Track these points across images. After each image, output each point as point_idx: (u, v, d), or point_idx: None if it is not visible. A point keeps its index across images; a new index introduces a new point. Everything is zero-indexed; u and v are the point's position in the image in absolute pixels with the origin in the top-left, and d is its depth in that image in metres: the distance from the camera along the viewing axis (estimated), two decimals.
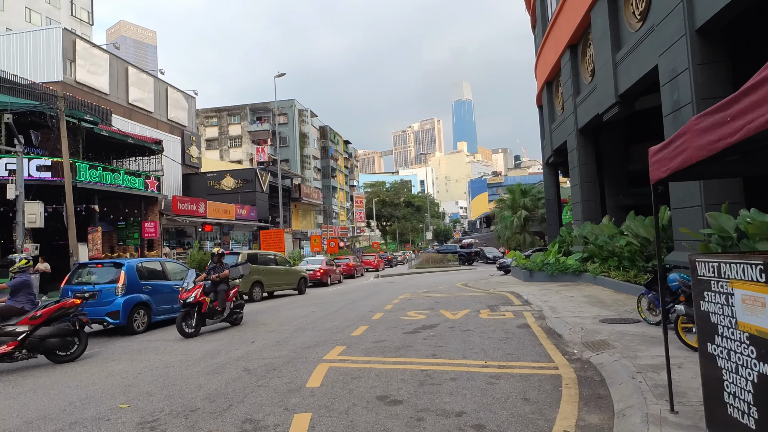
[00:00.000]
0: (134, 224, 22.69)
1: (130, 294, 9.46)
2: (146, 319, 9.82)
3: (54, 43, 23.26)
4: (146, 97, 28.70)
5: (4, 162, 15.99)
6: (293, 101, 56.95)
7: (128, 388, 5.26)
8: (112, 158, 22.37)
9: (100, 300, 9.17)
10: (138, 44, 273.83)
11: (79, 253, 16.16)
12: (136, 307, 9.51)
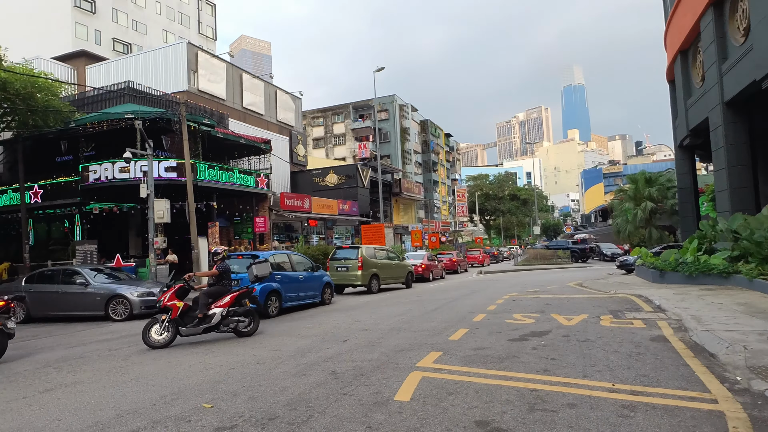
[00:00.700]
0: (247, 219, 24.33)
1: (265, 282, 10.53)
2: (278, 305, 11.14)
3: (180, 56, 25.78)
4: (258, 101, 30.68)
5: (139, 164, 17.94)
6: (393, 97, 57.26)
7: (217, 384, 5.16)
8: (227, 158, 24.18)
9: (241, 286, 10.17)
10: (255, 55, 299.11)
11: (199, 246, 17.59)
12: (270, 294, 10.82)
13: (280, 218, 25.85)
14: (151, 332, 7.57)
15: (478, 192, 76.26)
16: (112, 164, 18.28)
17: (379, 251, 17.94)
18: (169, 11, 56.93)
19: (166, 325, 7.61)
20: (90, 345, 8.16)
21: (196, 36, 57.76)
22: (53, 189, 19.65)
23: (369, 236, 26.01)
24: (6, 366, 6.71)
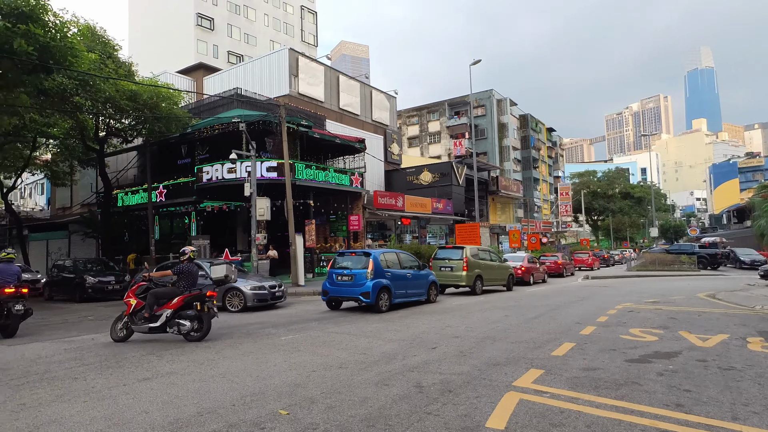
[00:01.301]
0: (342, 217, 24.84)
1: (377, 279, 11.18)
2: (388, 301, 11.43)
3: (282, 62, 27.16)
4: (354, 102, 31.30)
5: (244, 165, 19.11)
6: (491, 92, 55.15)
7: (296, 388, 4.96)
8: (323, 158, 24.92)
9: (355, 282, 11.25)
10: (354, 59, 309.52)
11: (296, 242, 18.23)
12: (381, 291, 11.19)
13: (373, 216, 26.04)
14: (116, 328, 8.03)
15: (585, 190, 70.59)
16: (221, 165, 19.72)
17: (482, 252, 17.53)
18: (276, 22, 60.87)
19: (124, 321, 7.95)
20: None
21: (299, 44, 61.05)
22: (174, 189, 21.79)
23: (463, 236, 25.10)
24: (121, 350, 7.25)
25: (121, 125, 21.00)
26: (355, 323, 9.54)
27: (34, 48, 11.93)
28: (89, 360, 6.61)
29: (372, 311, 11.32)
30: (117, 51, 19.44)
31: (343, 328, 8.92)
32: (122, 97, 17.24)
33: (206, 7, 52.57)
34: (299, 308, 12.55)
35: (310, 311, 11.83)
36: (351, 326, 9.16)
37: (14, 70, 12.73)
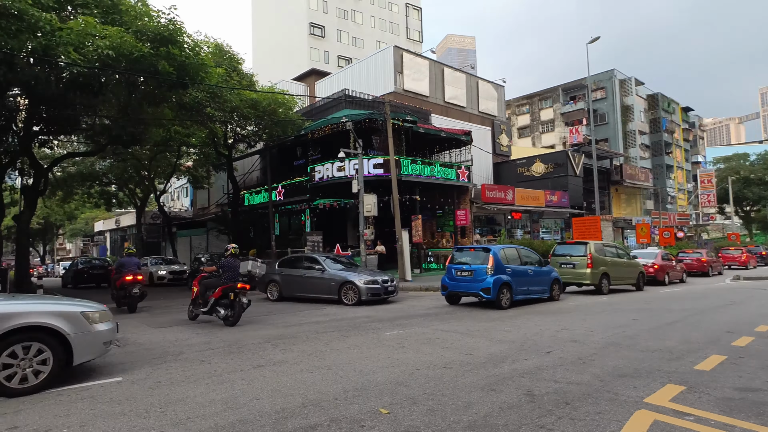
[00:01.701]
0: (449, 212, 24.44)
1: (497, 275, 10.96)
2: (509, 297, 11.14)
3: (387, 60, 27.54)
4: (459, 94, 30.61)
5: (352, 163, 19.75)
6: (612, 72, 50.05)
7: (398, 387, 4.84)
8: (428, 153, 24.73)
9: (475, 277, 11.12)
10: (461, 52, 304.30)
11: (403, 238, 18.35)
12: (502, 287, 10.95)
13: (481, 211, 25.21)
14: (189, 310, 10.06)
15: (733, 176, 60.66)
16: (331, 164, 20.62)
17: (608, 247, 16.09)
18: (382, 23, 62.22)
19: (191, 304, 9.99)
20: (304, 326, 9.04)
21: (405, 41, 61.62)
22: (291, 188, 23.37)
23: (582, 230, 23.08)
24: (242, 337, 7.87)
25: (245, 132, 23.12)
26: (461, 321, 9.21)
27: (173, 67, 13.55)
28: (215, 344, 7.26)
29: (492, 307, 11.04)
30: (240, 64, 21.39)
31: (449, 326, 8.65)
32: (245, 105, 18.90)
33: (318, 16, 55.64)
34: (409, 303, 12.54)
35: (418, 307, 11.75)
36: (457, 324, 8.86)
37: (159, 88, 14.62)
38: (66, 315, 5.15)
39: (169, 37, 13.82)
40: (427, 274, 21.29)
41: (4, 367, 4.70)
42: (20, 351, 4.79)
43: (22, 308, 4.99)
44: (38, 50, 12.29)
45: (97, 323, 5.38)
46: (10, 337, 4.76)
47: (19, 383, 4.75)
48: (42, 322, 4.94)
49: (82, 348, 5.17)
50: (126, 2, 14.20)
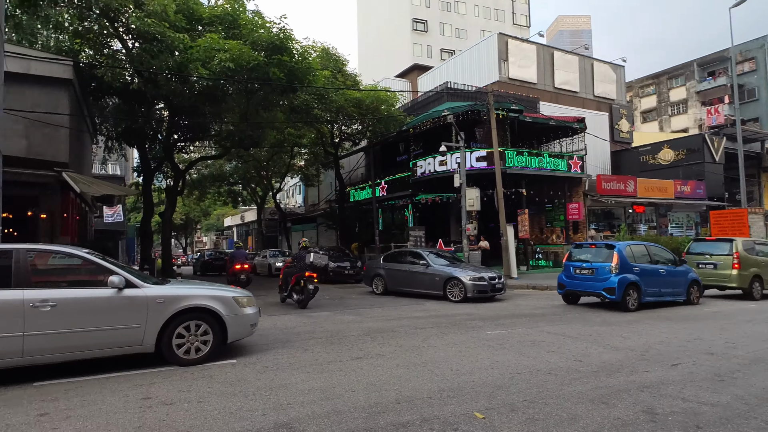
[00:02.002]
0: (559, 206, 22.83)
1: (623, 274, 10.12)
2: (636, 298, 10.26)
3: (491, 49, 26.55)
4: (571, 78, 28.41)
5: (454, 157, 19.40)
6: (763, 39, 42.43)
7: (497, 390, 4.58)
8: (536, 143, 23.32)
9: (597, 276, 10.40)
10: (573, 34, 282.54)
11: (508, 233, 17.57)
12: (628, 287, 10.09)
13: (596, 204, 23.11)
14: (279, 294, 11.99)
15: None
16: (433, 159, 20.48)
17: (761, 245, 13.81)
18: (486, 11, 60.19)
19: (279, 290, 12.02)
20: (404, 320, 9.08)
21: (511, 28, 58.89)
22: (394, 184, 23.74)
23: (723, 225, 19.94)
24: (344, 328, 8.15)
25: (350, 130, 24.02)
26: (571, 324, 8.50)
27: (283, 73, 14.52)
28: (319, 334, 7.61)
29: (615, 309, 10.18)
30: (345, 65, 22.23)
31: (557, 328, 8.04)
32: (349, 105, 19.62)
33: (420, 11, 55.66)
34: (514, 302, 11.95)
35: (523, 306, 11.14)
36: (567, 326, 8.19)
37: (272, 94, 15.80)
38: (222, 299, 5.91)
39: (281, 45, 14.83)
40: (534, 271, 20.16)
41: (177, 341, 5.58)
42: (192, 327, 5.65)
43: (189, 292, 5.80)
44: (174, 68, 14.01)
45: (245, 307, 6.10)
46: (180, 317, 5.58)
47: (187, 355, 5.61)
48: (205, 304, 5.73)
49: (234, 328, 5.93)
50: (244, 17, 15.55)
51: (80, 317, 5.11)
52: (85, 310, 5.16)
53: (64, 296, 5.09)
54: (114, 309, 5.28)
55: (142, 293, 5.43)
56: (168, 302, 5.53)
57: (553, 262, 21.44)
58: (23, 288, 4.95)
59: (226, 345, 6.00)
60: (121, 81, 16.19)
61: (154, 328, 5.43)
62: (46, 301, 4.94)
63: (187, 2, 15.45)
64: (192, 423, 3.77)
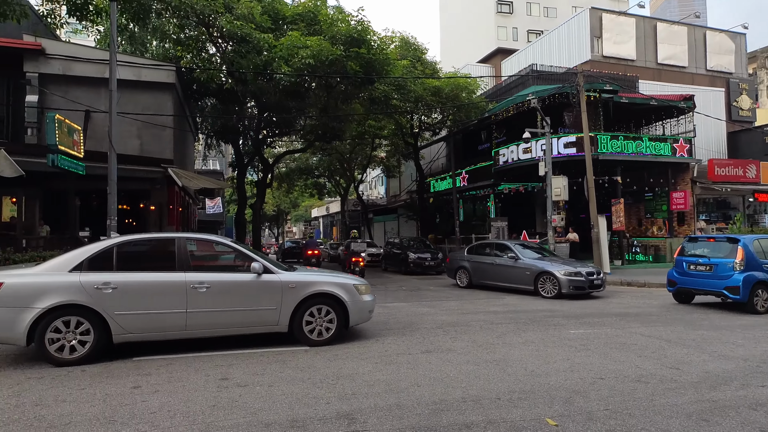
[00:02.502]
0: (661, 195, 20.62)
1: (749, 271, 9.06)
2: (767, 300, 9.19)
3: (582, 26, 24.58)
4: (678, 52, 25.41)
5: (539, 144, 18.32)
6: None
7: (574, 395, 4.21)
8: (633, 126, 21.21)
9: (716, 273, 9.41)
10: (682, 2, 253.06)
11: (599, 225, 16.26)
12: (756, 286, 9.05)
13: (707, 192, 20.52)
14: None
15: None
16: (516, 146, 19.54)
17: None
18: None
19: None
20: (480, 314, 8.78)
21: (607, 1, 54.12)
22: (475, 173, 23.08)
23: None
24: (416, 321, 8.08)
25: (430, 120, 23.72)
26: (671, 326, 7.62)
27: (360, 66, 14.67)
28: (392, 325, 7.61)
29: (738, 310, 9.07)
30: (424, 54, 21.94)
31: (653, 330, 7.25)
32: (428, 94, 19.34)
33: None
34: (604, 300, 11.04)
35: (614, 303, 10.23)
36: (664, 329, 7.36)
37: (350, 87, 16.06)
38: (344, 285, 6.32)
39: (358, 38, 15.01)
40: (630, 266, 18.48)
41: (307, 323, 6.04)
42: (320, 311, 6.11)
43: (317, 278, 6.30)
44: (260, 66, 14.79)
45: (364, 294, 6.45)
46: (309, 301, 6.05)
47: (316, 336, 6.08)
48: (330, 290, 6.17)
49: (355, 314, 6.30)
50: (323, 12, 15.94)
51: (229, 298, 5.76)
52: (232, 292, 5.81)
53: (216, 279, 5.77)
54: (255, 292, 5.88)
55: (277, 278, 5.98)
56: (299, 287, 6.03)
57: (653, 256, 19.49)
58: (185, 271, 5.64)
59: (347, 329, 6.40)
60: (216, 82, 17.50)
61: (288, 310, 5.96)
62: (202, 283, 5.61)
63: (272, 3, 16.21)
64: (260, 406, 3.93)
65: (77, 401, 4.03)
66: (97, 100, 14.39)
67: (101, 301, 5.24)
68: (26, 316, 5.01)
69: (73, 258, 5.42)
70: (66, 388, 4.38)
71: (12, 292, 5.06)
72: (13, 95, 15.74)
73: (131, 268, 5.60)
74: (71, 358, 5.14)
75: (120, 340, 5.38)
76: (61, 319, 5.12)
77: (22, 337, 5.03)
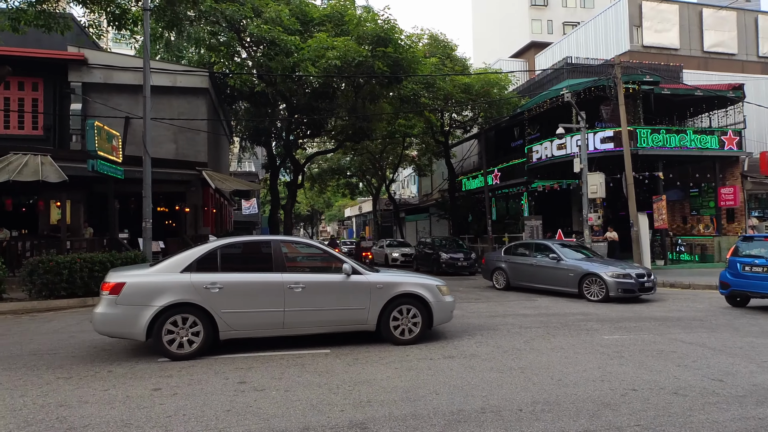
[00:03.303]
0: (708, 191, 19.46)
1: None
2: None
3: (620, 15, 23.55)
4: (726, 38, 23.98)
5: (575, 139, 17.66)
6: None
7: (604, 408, 3.95)
8: (676, 119, 20.11)
9: None
10: None
11: (640, 223, 15.52)
12: None
13: (759, 187, 19.20)
14: None
15: None
16: (550, 143, 18.92)
17: None
18: None
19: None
20: (509, 318, 8.50)
21: None
22: (507, 171, 22.54)
23: None
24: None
25: (460, 117, 23.33)
26: (716, 332, 7.12)
27: (386, 65, 14.56)
28: None
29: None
30: (454, 50, 21.59)
31: (696, 336, 6.79)
32: (458, 91, 19.01)
33: None
34: (647, 302, 10.50)
35: (654, 307, 9.69)
36: (709, 335, 6.87)
37: (377, 86, 15.99)
38: (428, 286, 6.48)
39: (385, 37, 14.91)
40: (674, 266, 17.56)
41: (393, 322, 6.23)
42: (405, 311, 6.29)
43: (402, 279, 6.48)
44: (288, 69, 14.95)
45: (446, 295, 6.56)
46: (395, 301, 6.22)
47: (402, 335, 6.26)
48: (415, 290, 6.34)
49: (438, 314, 6.44)
50: (350, 12, 15.94)
51: (322, 297, 6.01)
52: (325, 292, 6.06)
53: (310, 279, 6.05)
54: (346, 292, 6.11)
55: (365, 279, 6.20)
56: (386, 288, 6.22)
57: (699, 256, 18.42)
58: (281, 272, 5.93)
59: (430, 329, 6.52)
60: (248, 85, 17.83)
61: (376, 310, 6.15)
62: (298, 283, 5.89)
63: (300, 5, 16.35)
64: (274, 412, 3.89)
65: (99, 402, 4.12)
66: (137, 107, 14.93)
67: (210, 299, 5.58)
68: (146, 313, 5.40)
69: (183, 259, 5.77)
70: (90, 389, 4.49)
71: (133, 291, 5.47)
72: (59, 104, 16.57)
73: (233, 269, 5.94)
74: (184, 352, 5.51)
75: (225, 336, 5.72)
76: (175, 316, 5.50)
77: (142, 333, 5.41)
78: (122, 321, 5.39)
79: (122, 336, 5.63)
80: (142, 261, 11.31)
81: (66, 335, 7.02)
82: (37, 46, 15.75)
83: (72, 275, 10.01)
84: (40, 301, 9.83)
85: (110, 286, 5.45)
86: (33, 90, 16.26)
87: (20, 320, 8.42)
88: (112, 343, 6.37)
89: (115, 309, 5.39)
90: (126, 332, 5.49)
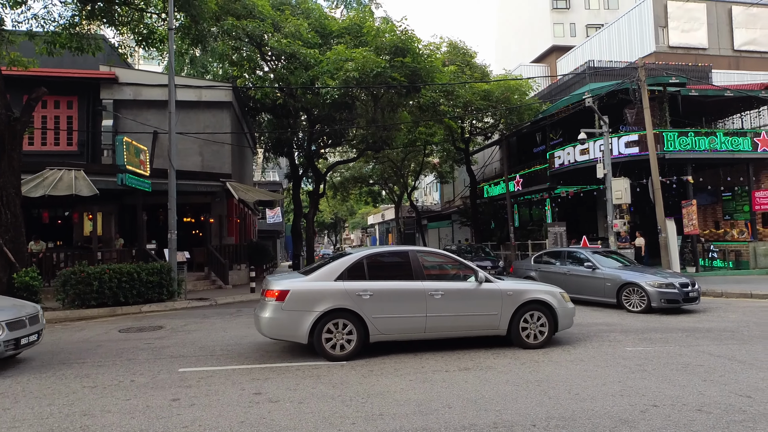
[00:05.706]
0: (742, 194, 18.72)
1: None
2: None
3: (645, 15, 23.08)
4: (758, 36, 23.19)
5: (598, 144, 17.31)
6: None
7: (620, 425, 3.84)
8: (705, 121, 19.48)
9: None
10: None
11: (668, 228, 15.06)
12: None
13: None
14: None
15: None
16: (573, 148, 18.59)
17: None
18: None
19: None
20: None
21: None
22: (529, 177, 22.24)
23: None
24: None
25: (481, 124, 23.20)
26: (747, 344, 6.83)
27: (404, 75, 14.65)
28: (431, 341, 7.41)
29: None
30: (473, 58, 21.54)
31: (725, 349, 6.53)
32: (477, 98, 18.94)
33: None
34: (686, 313, 10.13)
35: (683, 317, 9.35)
36: (740, 347, 6.60)
37: (395, 96, 16.09)
38: (552, 293, 6.81)
39: (403, 47, 15.02)
40: (706, 273, 16.92)
41: (522, 328, 6.54)
42: (533, 317, 6.59)
43: (529, 287, 6.90)
44: (307, 81, 15.22)
45: (568, 302, 6.90)
46: (524, 307, 6.54)
47: (531, 340, 6.57)
48: (542, 297, 6.67)
49: (563, 319, 6.74)
50: (368, 24, 16.13)
51: (459, 303, 6.38)
52: (461, 298, 6.42)
53: (447, 287, 6.43)
54: (480, 298, 6.47)
55: (496, 287, 6.57)
56: (515, 294, 6.57)
57: (733, 262, 17.71)
58: (421, 280, 6.35)
59: (554, 334, 6.78)
60: (270, 98, 18.23)
61: (507, 316, 6.50)
62: (437, 291, 6.29)
63: (319, 19, 16.66)
64: (286, 424, 3.94)
65: (121, 412, 4.26)
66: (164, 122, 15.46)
67: (361, 305, 6.02)
68: (309, 318, 5.88)
69: (336, 268, 6.25)
70: (113, 398, 4.65)
71: (297, 297, 5.94)
72: (92, 120, 17.31)
73: (378, 277, 6.31)
74: (341, 354, 5.96)
75: (374, 339, 6.13)
76: (332, 321, 5.95)
77: (305, 336, 5.89)
78: (288, 325, 5.87)
79: (287, 338, 6.09)
80: (168, 271, 11.65)
81: (94, 344, 7.28)
82: (72, 66, 16.53)
83: (102, 286, 10.39)
84: (72, 310, 10.24)
85: (275, 293, 5.90)
86: (68, 108, 17.04)
87: (53, 329, 8.77)
88: (136, 351, 6.58)
89: (281, 314, 5.86)
90: (291, 335, 5.95)
